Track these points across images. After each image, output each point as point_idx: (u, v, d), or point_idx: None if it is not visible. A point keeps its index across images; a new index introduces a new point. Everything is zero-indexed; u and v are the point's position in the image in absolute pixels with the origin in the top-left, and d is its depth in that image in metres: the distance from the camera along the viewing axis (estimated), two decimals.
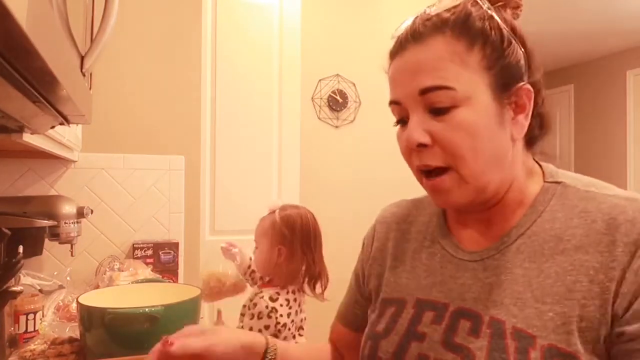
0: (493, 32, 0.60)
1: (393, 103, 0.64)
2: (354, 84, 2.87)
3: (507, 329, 0.57)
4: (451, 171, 0.60)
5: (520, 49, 0.61)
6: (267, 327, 1.40)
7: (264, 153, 2.52)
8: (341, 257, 1.97)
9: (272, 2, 2.52)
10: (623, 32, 4.59)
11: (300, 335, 1.51)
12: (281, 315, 1.42)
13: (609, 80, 5.36)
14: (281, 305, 1.44)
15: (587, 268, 0.55)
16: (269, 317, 1.40)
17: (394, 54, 0.64)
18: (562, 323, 0.54)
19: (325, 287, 1.53)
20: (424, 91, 0.59)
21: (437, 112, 0.59)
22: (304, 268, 1.51)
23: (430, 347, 0.62)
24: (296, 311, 1.48)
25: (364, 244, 0.84)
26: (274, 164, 2.53)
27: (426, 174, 0.62)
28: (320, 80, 2.82)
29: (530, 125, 0.63)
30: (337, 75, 2.85)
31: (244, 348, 0.67)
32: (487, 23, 0.60)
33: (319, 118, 2.83)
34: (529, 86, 0.61)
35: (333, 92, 2.84)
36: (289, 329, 1.45)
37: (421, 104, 0.60)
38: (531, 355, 0.54)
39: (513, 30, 0.62)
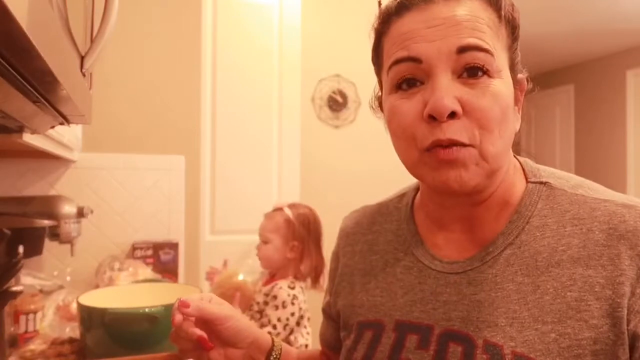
0: (512, 15, 0.57)
1: (408, 60, 0.53)
2: (354, 84, 2.87)
3: (505, 355, 0.50)
4: (470, 147, 0.52)
5: (515, 42, 0.59)
6: (293, 314, 1.47)
7: (264, 153, 2.52)
8: None
9: (272, 2, 2.52)
10: (623, 32, 4.59)
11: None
12: (301, 302, 1.50)
13: (609, 80, 5.36)
14: (299, 293, 1.52)
15: (592, 285, 0.50)
16: (292, 304, 1.47)
17: (406, 6, 0.55)
18: (568, 346, 0.49)
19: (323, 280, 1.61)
20: (464, 49, 0.51)
21: (472, 75, 0.52)
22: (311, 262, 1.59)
23: None
24: (305, 301, 1.56)
25: (331, 260, 0.76)
26: (274, 164, 2.53)
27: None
28: (320, 80, 2.82)
29: None
30: (337, 75, 2.85)
31: (253, 337, 0.67)
32: (508, 4, 0.57)
33: (319, 118, 2.83)
34: (526, 77, 0.59)
35: (333, 92, 2.83)
36: (307, 318, 1.53)
37: (452, 64, 0.52)
38: None
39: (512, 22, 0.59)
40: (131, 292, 1.33)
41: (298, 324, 1.48)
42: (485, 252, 0.57)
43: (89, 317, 1.10)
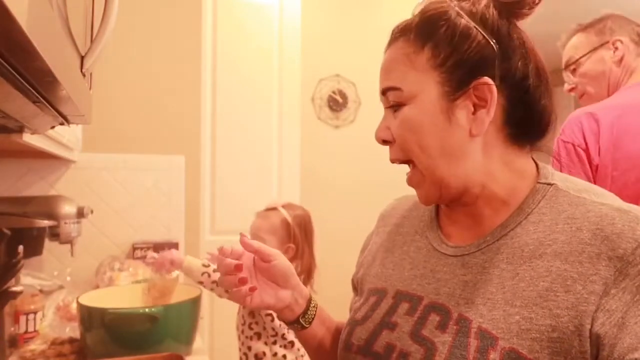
0: (444, 30, 0.60)
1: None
2: (354, 84, 2.87)
3: (472, 328, 0.56)
4: (414, 166, 0.64)
5: (490, 40, 0.59)
6: None
7: (264, 153, 2.52)
8: (340, 256, 1.98)
9: (272, 2, 2.52)
10: None
11: None
12: None
13: None
14: None
15: (564, 278, 0.54)
16: None
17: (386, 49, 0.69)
18: (528, 328, 0.53)
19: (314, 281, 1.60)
20: (384, 91, 0.65)
21: (394, 110, 0.64)
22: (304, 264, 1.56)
23: (398, 337, 0.62)
24: None
25: (366, 238, 0.85)
26: (274, 164, 2.53)
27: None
28: (320, 80, 2.82)
29: (513, 117, 0.61)
30: (337, 75, 2.85)
31: (297, 280, 0.73)
32: (441, 22, 0.60)
33: (319, 118, 2.83)
34: (487, 79, 0.59)
35: (333, 92, 2.84)
36: None
37: (386, 102, 0.66)
38: (490, 356, 0.53)
39: (483, 21, 0.60)
40: (131, 292, 1.33)
41: None
42: (482, 240, 0.63)
43: (89, 317, 1.10)
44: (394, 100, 0.64)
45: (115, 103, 1.98)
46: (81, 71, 0.69)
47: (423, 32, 0.62)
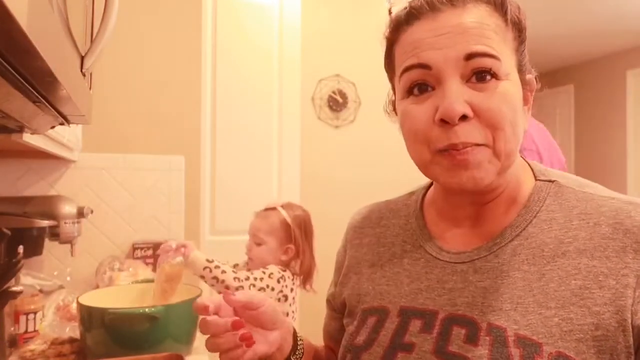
0: (517, 12, 0.58)
1: (418, 67, 0.56)
2: (354, 84, 2.87)
3: (509, 336, 0.52)
4: (484, 147, 0.54)
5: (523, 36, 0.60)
6: (273, 289, 1.44)
7: (264, 153, 2.52)
8: None
9: (272, 2, 2.52)
10: (623, 32, 4.59)
11: None
12: (286, 287, 1.47)
13: (609, 80, 5.36)
14: (288, 278, 1.49)
15: (596, 274, 0.53)
16: (278, 282, 1.45)
17: (416, 16, 0.57)
18: (570, 330, 0.51)
19: (313, 281, 1.60)
20: (471, 56, 0.54)
21: (480, 80, 0.54)
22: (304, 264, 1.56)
23: (420, 357, 0.57)
24: (292, 289, 1.53)
25: (338, 253, 0.78)
26: (274, 164, 2.54)
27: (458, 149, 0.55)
28: (320, 80, 2.82)
29: None
30: (337, 75, 2.85)
31: (284, 318, 0.66)
32: (514, 5, 0.58)
33: (319, 118, 2.83)
34: (534, 79, 0.60)
35: (333, 92, 2.83)
36: (291, 305, 1.49)
37: (461, 70, 0.54)
38: None
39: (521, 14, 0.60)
40: (131, 292, 1.33)
41: (278, 300, 1.46)
42: (492, 242, 0.59)
43: (89, 317, 1.10)
44: (487, 70, 0.54)
45: (115, 103, 1.98)
46: (81, 71, 0.69)
47: (505, 7, 0.57)
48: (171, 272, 1.33)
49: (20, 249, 0.93)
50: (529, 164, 0.64)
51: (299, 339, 0.68)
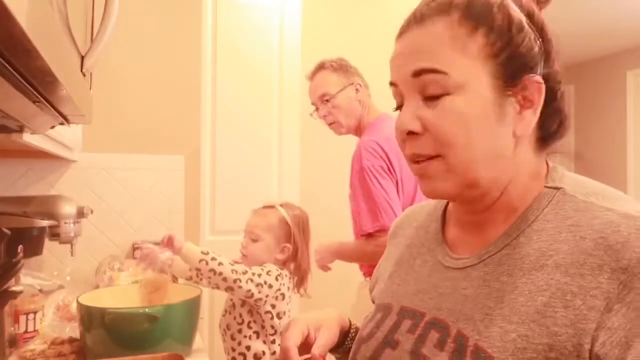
0: (500, 17, 0.55)
1: (391, 85, 0.61)
2: None
3: (469, 346, 0.53)
4: (439, 158, 0.56)
5: (537, 38, 0.57)
6: (271, 286, 1.39)
7: (264, 153, 2.51)
8: None
9: (272, 2, 2.52)
10: (623, 32, 4.59)
11: None
12: (283, 285, 1.44)
13: (609, 80, 5.36)
14: (286, 276, 1.46)
15: (564, 292, 0.50)
16: (277, 279, 1.41)
17: (397, 37, 0.61)
18: (524, 347, 0.49)
19: (307, 285, 1.57)
20: (417, 73, 0.56)
21: (429, 97, 0.56)
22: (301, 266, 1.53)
23: (400, 355, 0.59)
24: (290, 288, 1.50)
25: (385, 250, 0.82)
26: (274, 164, 2.53)
27: (415, 160, 0.59)
28: None
29: (546, 121, 0.58)
30: None
31: (337, 331, 0.71)
32: (495, 8, 0.56)
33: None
34: (539, 78, 0.56)
35: None
36: (287, 304, 1.46)
37: (415, 88, 0.57)
38: None
39: (529, 16, 0.57)
40: (131, 292, 1.33)
41: (274, 305, 1.42)
42: (485, 251, 0.59)
43: (89, 317, 1.10)
44: (433, 85, 0.55)
45: (115, 103, 1.98)
46: (81, 71, 0.69)
47: (474, 14, 0.56)
48: (157, 281, 1.31)
49: (20, 249, 0.93)
50: (548, 169, 0.61)
51: (351, 325, 0.73)
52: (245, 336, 1.41)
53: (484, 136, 0.55)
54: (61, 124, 0.81)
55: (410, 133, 0.57)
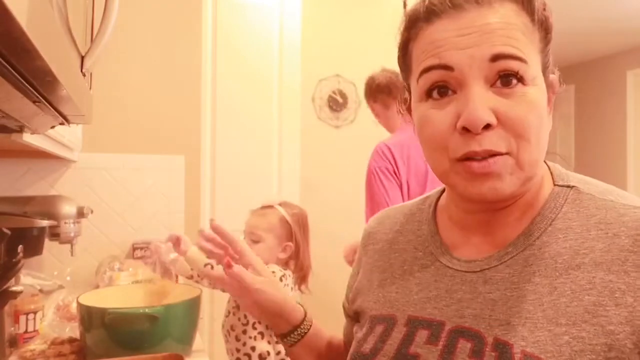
0: (542, 9, 0.55)
1: (440, 68, 0.53)
2: (354, 84, 2.87)
3: (515, 353, 0.49)
4: (507, 156, 0.51)
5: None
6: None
7: (264, 153, 2.52)
8: (339, 257, 1.97)
9: (272, 2, 2.52)
10: (623, 32, 4.60)
11: None
12: (287, 285, 1.44)
13: (609, 80, 5.36)
14: (289, 277, 1.47)
15: (612, 290, 0.49)
16: (281, 280, 1.41)
17: (436, 13, 0.54)
18: (581, 350, 0.47)
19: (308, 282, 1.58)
20: (497, 57, 0.51)
21: (506, 84, 0.51)
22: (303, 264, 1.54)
23: None
24: (292, 289, 1.51)
25: (356, 258, 0.78)
26: (274, 164, 2.54)
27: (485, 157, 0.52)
28: (320, 80, 2.82)
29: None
30: (337, 75, 2.85)
31: (285, 309, 0.72)
32: (540, 5, 0.55)
33: (319, 118, 2.83)
34: (556, 78, 0.58)
35: (333, 92, 2.84)
36: None
37: (485, 73, 0.51)
38: None
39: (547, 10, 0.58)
40: (131, 292, 1.33)
41: None
42: (504, 252, 0.56)
43: (89, 317, 1.10)
44: (513, 73, 0.51)
45: (115, 103, 1.98)
46: (81, 71, 0.69)
47: (532, 5, 0.54)
48: (162, 286, 1.32)
49: (20, 249, 0.92)
50: (548, 167, 0.61)
51: (306, 319, 0.73)
52: (250, 337, 1.41)
53: (547, 132, 0.54)
54: (61, 124, 0.81)
55: (486, 126, 0.50)
